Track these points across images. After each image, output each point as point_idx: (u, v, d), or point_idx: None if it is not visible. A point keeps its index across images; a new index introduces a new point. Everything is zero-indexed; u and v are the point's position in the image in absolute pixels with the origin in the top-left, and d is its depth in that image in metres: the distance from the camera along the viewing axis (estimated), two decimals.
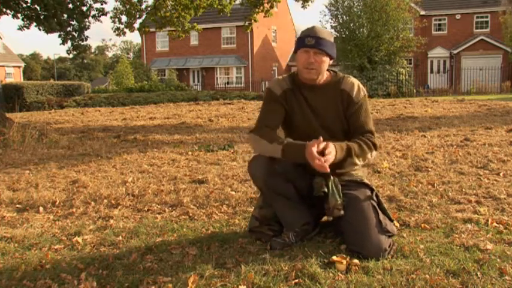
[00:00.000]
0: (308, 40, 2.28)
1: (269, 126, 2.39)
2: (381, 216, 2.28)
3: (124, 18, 11.18)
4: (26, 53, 76.02)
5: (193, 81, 31.41)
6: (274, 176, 2.31)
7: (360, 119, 2.37)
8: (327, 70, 2.42)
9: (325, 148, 2.12)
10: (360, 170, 2.51)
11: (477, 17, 29.25)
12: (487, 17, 29.02)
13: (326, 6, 24.12)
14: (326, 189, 2.27)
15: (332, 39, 2.35)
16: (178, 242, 2.48)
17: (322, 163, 2.08)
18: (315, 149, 2.10)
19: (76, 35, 10.47)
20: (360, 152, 2.28)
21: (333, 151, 2.13)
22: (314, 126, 2.39)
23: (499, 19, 25.95)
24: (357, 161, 2.29)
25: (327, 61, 2.33)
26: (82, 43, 10.68)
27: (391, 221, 2.37)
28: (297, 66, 2.40)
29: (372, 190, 2.38)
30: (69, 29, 10.29)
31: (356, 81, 2.43)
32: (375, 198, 2.35)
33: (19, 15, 9.67)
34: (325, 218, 2.54)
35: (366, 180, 2.44)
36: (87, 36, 10.64)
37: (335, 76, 2.45)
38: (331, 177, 2.29)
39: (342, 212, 2.26)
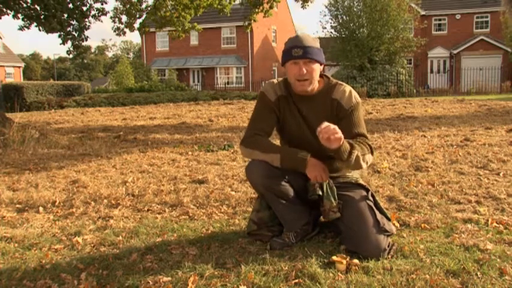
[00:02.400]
0: (295, 51, 2.22)
1: (260, 134, 2.35)
2: (378, 215, 2.27)
3: (124, 18, 11.18)
4: (26, 53, 76.15)
5: (193, 81, 31.41)
6: (272, 178, 2.30)
7: (351, 124, 2.29)
8: (319, 76, 2.38)
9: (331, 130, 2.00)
10: (355, 172, 2.50)
11: (477, 17, 29.23)
12: (487, 17, 29.01)
13: (326, 7, 24.12)
14: (320, 192, 2.27)
15: (318, 45, 2.29)
16: (178, 242, 2.48)
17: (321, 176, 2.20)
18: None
19: (76, 35, 10.46)
20: (360, 149, 2.17)
21: (341, 134, 2.02)
22: (306, 135, 2.38)
23: (499, 19, 25.94)
24: (360, 157, 2.15)
25: (318, 68, 2.28)
26: (82, 43, 10.67)
27: (389, 220, 2.36)
28: (289, 79, 2.34)
29: (367, 190, 2.37)
30: (69, 29, 10.28)
31: (348, 89, 2.35)
32: (370, 198, 2.33)
33: (19, 15, 9.66)
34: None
35: (361, 181, 2.43)
36: (87, 36, 10.64)
37: (327, 83, 2.38)
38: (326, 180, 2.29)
39: (338, 214, 2.26)
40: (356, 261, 2.08)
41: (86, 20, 10.42)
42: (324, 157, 2.34)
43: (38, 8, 9.68)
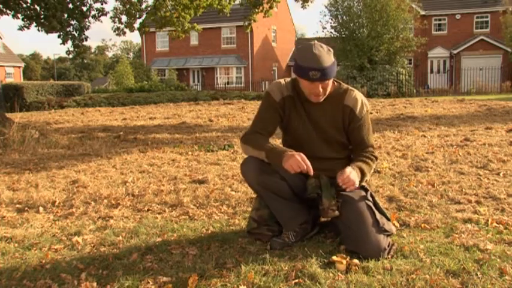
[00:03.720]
0: (313, 74, 2.15)
1: (261, 132, 2.37)
2: (378, 215, 2.27)
3: (124, 18, 11.18)
4: (26, 53, 76.15)
5: (193, 81, 31.41)
6: (267, 175, 2.30)
7: (362, 135, 2.37)
8: None
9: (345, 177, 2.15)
10: None
11: (477, 17, 29.23)
12: (487, 17, 29.01)
13: (326, 7, 24.11)
14: (319, 191, 2.27)
15: (333, 58, 2.21)
16: (178, 242, 2.48)
17: (301, 167, 2.11)
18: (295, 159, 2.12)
19: (76, 35, 10.47)
20: (369, 169, 2.32)
21: (355, 179, 2.17)
22: (311, 135, 2.39)
23: (499, 19, 25.95)
24: (368, 177, 2.34)
25: (331, 81, 2.29)
26: (82, 43, 10.68)
27: (388, 220, 2.36)
28: (303, 89, 2.30)
29: (366, 190, 2.37)
30: (69, 28, 10.30)
31: (360, 97, 2.37)
32: (369, 198, 2.33)
33: (19, 15, 9.67)
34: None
35: None
36: (87, 36, 10.66)
37: (338, 88, 2.37)
38: (325, 178, 2.29)
39: (337, 213, 2.26)
40: (356, 261, 2.08)
41: (86, 20, 10.43)
42: (326, 158, 2.35)
43: (38, 8, 9.69)
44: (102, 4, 10.73)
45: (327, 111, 2.35)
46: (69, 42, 10.48)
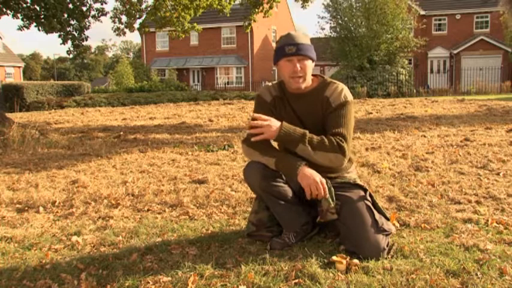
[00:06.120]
0: (289, 49, 2.25)
1: None
2: (377, 215, 2.27)
3: (124, 18, 11.21)
4: (26, 53, 76.13)
5: (193, 81, 31.41)
6: (270, 179, 2.30)
7: (333, 121, 2.27)
8: (314, 75, 2.40)
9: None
10: (353, 173, 2.51)
11: (477, 17, 29.24)
12: (487, 17, 29.02)
13: (324, 6, 24.08)
14: None
15: (309, 41, 2.32)
16: (178, 242, 2.48)
17: (315, 191, 2.19)
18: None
19: (76, 35, 10.48)
20: (318, 145, 2.20)
21: (273, 124, 2.19)
22: None
23: (499, 19, 25.94)
24: (310, 150, 2.20)
25: (310, 65, 2.31)
26: (82, 43, 10.69)
27: (388, 220, 2.36)
28: (283, 77, 2.36)
29: (365, 190, 2.37)
30: (69, 28, 10.31)
31: (340, 87, 2.34)
32: (368, 198, 2.33)
33: (19, 15, 9.68)
34: None
35: (358, 181, 2.44)
36: (87, 36, 10.67)
37: (322, 82, 2.39)
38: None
39: (335, 216, 2.26)
40: (356, 261, 2.08)
41: (86, 20, 10.45)
42: None
43: (38, 8, 9.69)
44: (102, 4, 10.75)
45: (310, 105, 2.36)
46: (69, 42, 10.49)
